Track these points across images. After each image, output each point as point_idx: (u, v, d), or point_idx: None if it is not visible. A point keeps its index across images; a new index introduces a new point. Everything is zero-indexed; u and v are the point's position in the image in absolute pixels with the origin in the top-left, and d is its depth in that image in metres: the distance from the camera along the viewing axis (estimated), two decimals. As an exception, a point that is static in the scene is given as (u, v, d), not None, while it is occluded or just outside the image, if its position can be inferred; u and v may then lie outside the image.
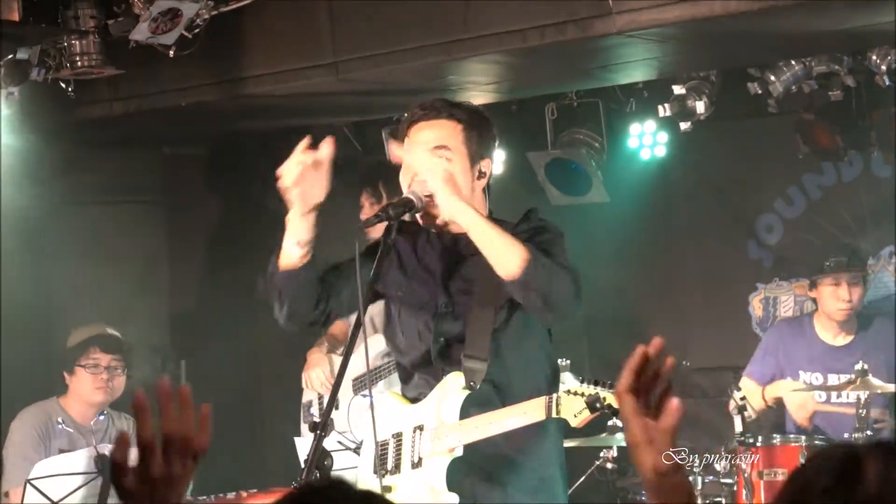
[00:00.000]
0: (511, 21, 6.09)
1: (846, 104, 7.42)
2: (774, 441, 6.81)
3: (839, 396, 7.14)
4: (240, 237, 9.23)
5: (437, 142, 4.39)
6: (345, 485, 2.13)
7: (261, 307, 8.63)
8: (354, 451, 5.71)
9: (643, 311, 8.66)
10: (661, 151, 8.04)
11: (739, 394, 6.81)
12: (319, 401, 7.43)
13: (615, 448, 7.02)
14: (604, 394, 4.01)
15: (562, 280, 4.21)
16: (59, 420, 6.83)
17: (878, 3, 5.72)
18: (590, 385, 4.04)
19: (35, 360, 7.53)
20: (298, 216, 4.38)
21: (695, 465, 6.71)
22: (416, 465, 4.35)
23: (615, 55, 6.59)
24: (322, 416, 4.04)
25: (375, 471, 4.45)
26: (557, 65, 6.74)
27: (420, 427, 4.38)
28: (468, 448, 4.31)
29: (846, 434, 6.77)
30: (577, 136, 7.94)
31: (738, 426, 6.72)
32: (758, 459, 6.65)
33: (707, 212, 8.40)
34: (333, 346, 7.47)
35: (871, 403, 6.79)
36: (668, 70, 7.24)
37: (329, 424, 4.04)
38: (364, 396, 6.36)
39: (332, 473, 3.94)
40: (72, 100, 7.02)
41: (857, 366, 6.71)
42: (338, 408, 7.15)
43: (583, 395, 4.02)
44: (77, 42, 6.59)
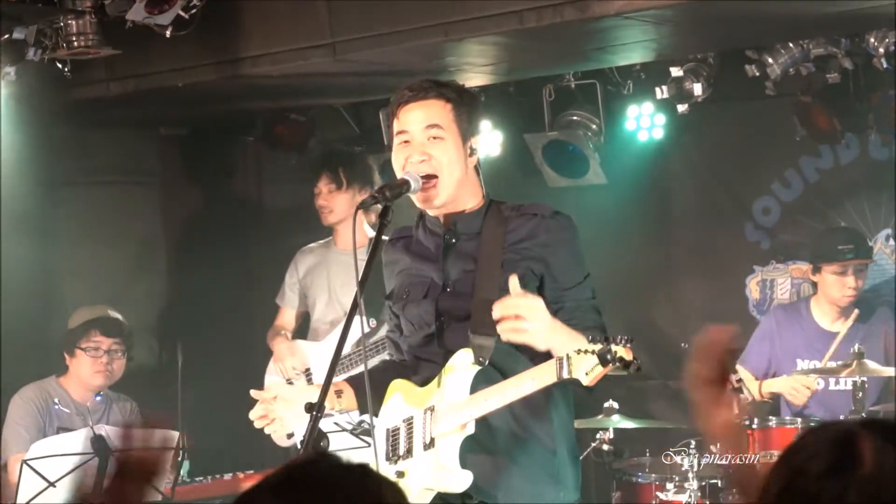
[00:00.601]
0: (509, 2, 6.08)
1: (844, 87, 7.41)
2: (770, 423, 6.82)
3: (837, 383, 7.15)
4: (237, 218, 9.23)
5: (429, 120, 4.39)
6: (332, 456, 2.14)
7: (257, 289, 8.67)
8: (351, 433, 5.72)
9: (640, 294, 8.66)
10: (659, 134, 8.03)
11: (736, 376, 6.81)
12: (288, 384, 7.47)
13: (611, 430, 7.02)
14: (615, 347, 3.98)
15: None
16: (56, 400, 6.84)
17: (877, -14, 5.72)
18: (596, 341, 4.01)
19: (33, 341, 7.54)
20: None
21: (691, 448, 6.72)
22: (429, 446, 4.33)
23: (613, 37, 6.58)
24: (318, 398, 4.04)
25: (388, 457, 4.44)
26: (555, 46, 6.73)
27: (431, 408, 4.36)
28: (480, 428, 4.29)
29: (841, 417, 6.78)
30: (575, 118, 7.93)
31: (735, 408, 6.71)
32: (754, 441, 6.67)
33: (704, 194, 8.40)
34: (286, 335, 7.56)
35: (870, 391, 6.80)
36: (666, 52, 7.22)
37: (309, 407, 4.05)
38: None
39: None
40: (68, 80, 7.01)
41: (853, 349, 6.72)
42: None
43: (592, 353, 3.99)
44: (73, 22, 6.58)
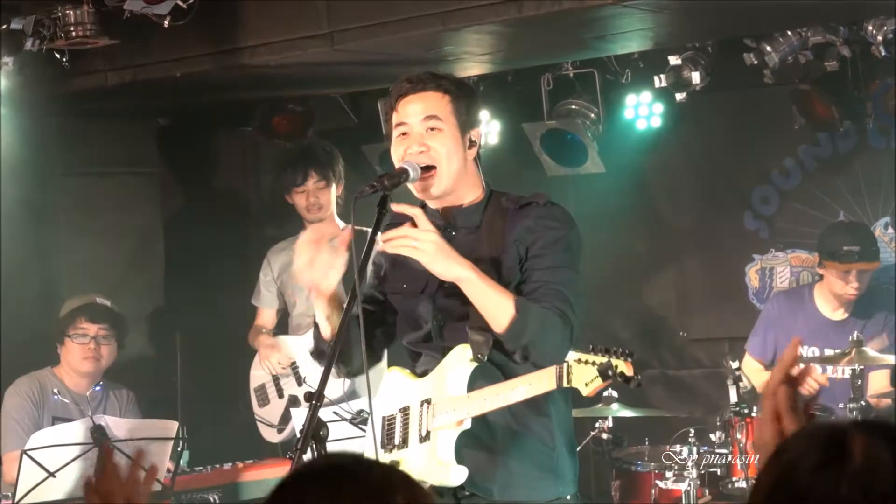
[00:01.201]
0: (507, -9, 6.08)
1: (842, 75, 7.41)
2: (770, 412, 6.81)
3: (836, 371, 7.15)
4: (235, 208, 9.22)
5: (427, 112, 4.39)
6: (366, 460, 2.14)
7: (255, 280, 8.65)
8: (350, 422, 5.73)
9: (639, 282, 8.66)
10: (657, 122, 8.03)
11: (735, 364, 6.82)
12: (276, 383, 7.47)
13: (610, 419, 7.03)
14: (615, 362, 3.99)
15: (551, 330, 4.23)
16: (55, 391, 6.85)
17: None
18: (599, 353, 4.02)
19: (33, 332, 7.54)
20: (320, 302, 4.40)
21: (690, 436, 6.73)
22: (424, 439, 4.34)
23: (611, 25, 6.58)
24: (318, 387, 4.04)
25: (383, 445, 4.44)
26: (553, 35, 6.72)
27: (427, 401, 4.37)
28: (476, 423, 4.30)
29: (841, 405, 6.79)
30: (573, 107, 7.93)
31: (734, 397, 6.73)
32: (752, 429, 6.67)
33: (703, 183, 8.39)
34: (268, 333, 7.58)
35: (873, 378, 6.81)
36: (664, 40, 7.22)
37: (293, 399, 4.06)
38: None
39: (323, 444, 3.94)
40: (66, 70, 7.00)
41: (852, 337, 6.72)
42: (300, 384, 7.21)
43: (594, 364, 4.00)
44: (72, 12, 6.57)
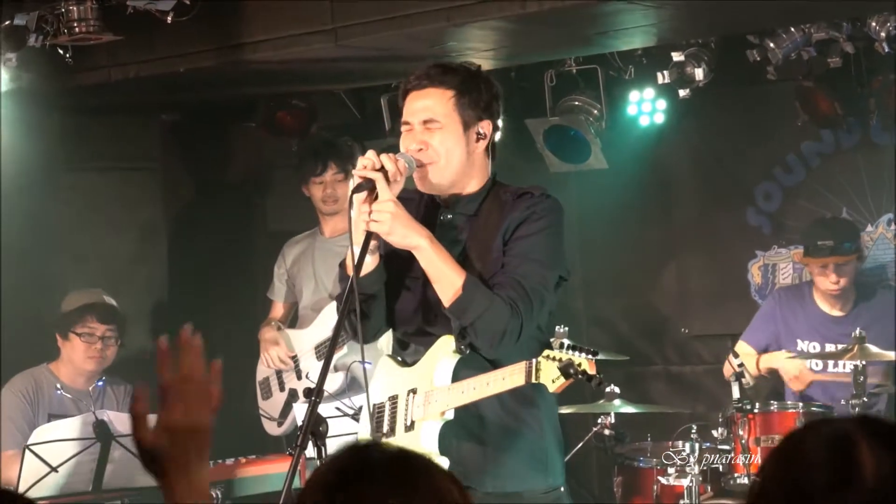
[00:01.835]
0: (511, -13, 6.08)
1: (845, 71, 7.40)
2: (772, 408, 6.83)
3: (836, 366, 7.16)
4: (238, 204, 9.23)
5: (425, 115, 4.42)
6: (380, 445, 2.14)
7: (258, 276, 8.67)
8: (352, 418, 5.74)
9: (641, 279, 8.66)
10: (660, 118, 8.03)
11: (737, 360, 6.82)
12: (278, 377, 7.47)
13: (612, 415, 7.03)
14: (578, 360, 4.01)
15: (494, 317, 4.24)
16: (58, 387, 6.85)
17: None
18: (568, 350, 4.04)
19: (33, 328, 7.54)
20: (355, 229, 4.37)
21: (692, 432, 6.73)
22: (409, 428, 4.37)
23: (614, 21, 6.58)
24: (317, 383, 4.05)
25: (372, 433, 4.47)
26: (556, 31, 6.73)
27: (413, 390, 4.41)
28: (467, 414, 4.32)
29: (843, 401, 6.79)
30: (576, 103, 7.92)
31: (736, 393, 6.73)
32: (755, 426, 6.68)
33: (706, 179, 8.39)
34: (276, 325, 7.58)
35: (870, 372, 6.81)
36: (667, 37, 7.22)
37: (292, 393, 4.07)
38: (361, 363, 6.38)
39: (322, 440, 3.95)
40: (69, 66, 7.00)
41: (855, 332, 6.73)
42: (300, 377, 7.22)
43: (560, 361, 4.02)
44: (75, 8, 6.57)
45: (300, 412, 6.27)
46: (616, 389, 7.00)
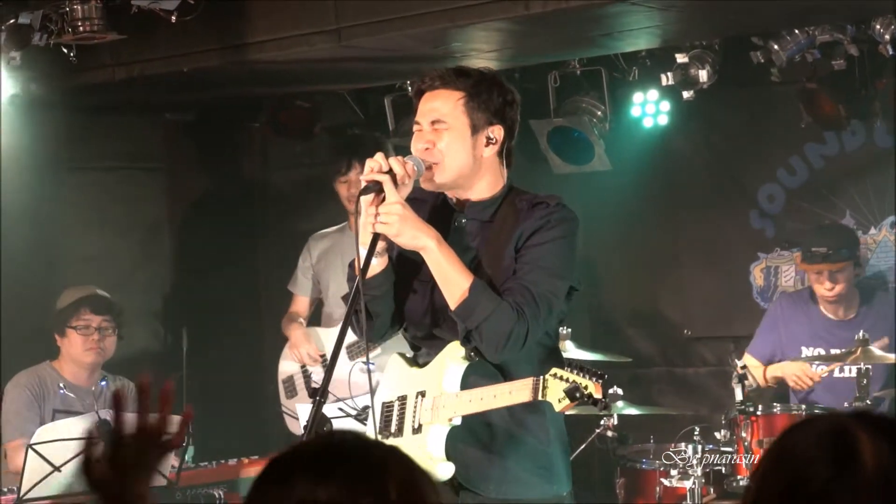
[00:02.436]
0: (515, -12, 6.08)
1: (849, 73, 7.40)
2: (775, 410, 6.83)
3: (841, 371, 7.15)
4: (241, 204, 9.23)
5: (434, 116, 4.41)
6: (365, 441, 2.14)
7: (262, 274, 8.68)
8: (356, 419, 5.73)
9: (644, 280, 8.66)
10: (664, 120, 8.03)
11: (740, 363, 6.82)
12: (303, 371, 7.45)
13: (615, 416, 7.03)
14: (584, 382, 4.02)
15: (500, 321, 4.22)
16: (61, 384, 6.85)
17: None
18: (575, 371, 4.05)
19: (38, 327, 7.55)
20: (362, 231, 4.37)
21: (695, 434, 6.73)
22: (417, 431, 4.37)
23: (618, 23, 6.58)
24: (322, 383, 4.05)
25: (380, 431, 4.48)
26: (560, 32, 6.73)
27: (422, 393, 4.40)
28: (473, 419, 4.32)
29: (846, 404, 6.79)
30: (580, 105, 7.92)
31: (739, 395, 6.73)
32: (758, 428, 6.67)
33: (709, 181, 8.39)
34: (299, 320, 7.53)
35: (874, 378, 6.81)
36: (672, 38, 7.22)
37: (323, 393, 4.05)
38: (364, 364, 6.37)
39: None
40: (73, 65, 7.00)
41: (858, 335, 6.73)
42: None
43: (567, 381, 4.04)
44: (79, 7, 6.57)
45: (303, 414, 6.27)
46: (619, 391, 6.99)
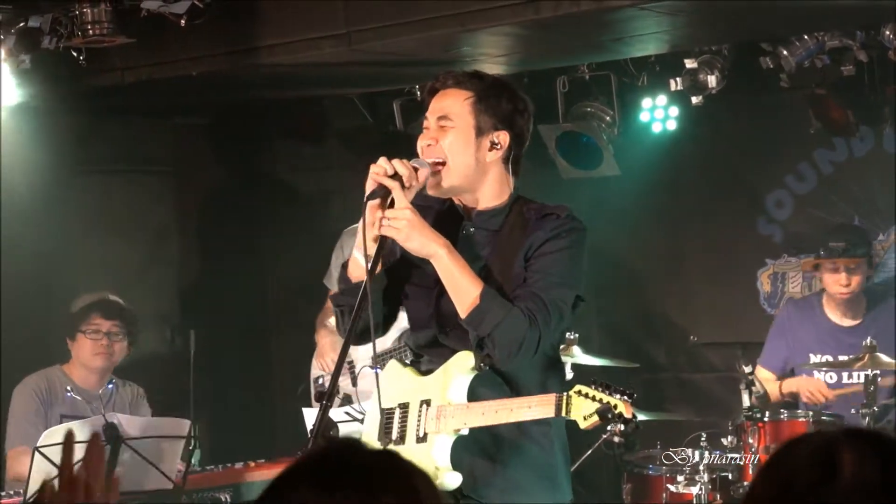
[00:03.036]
0: (524, -8, 6.08)
1: (859, 79, 7.40)
2: (782, 416, 6.82)
3: (850, 378, 7.14)
4: (250, 208, 9.24)
5: (441, 112, 4.39)
6: (363, 453, 2.14)
7: (270, 278, 8.68)
8: (362, 423, 5.73)
9: (652, 286, 8.66)
10: (673, 125, 8.02)
11: (748, 369, 6.81)
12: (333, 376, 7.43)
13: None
14: (614, 402, 4.02)
15: (512, 327, 4.20)
16: (69, 388, 6.85)
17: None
18: (599, 388, 4.05)
19: (47, 330, 7.56)
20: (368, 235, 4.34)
21: (702, 439, 6.73)
22: (421, 440, 4.35)
23: (628, 28, 6.58)
24: (328, 387, 4.05)
25: (380, 438, 4.46)
26: (570, 37, 6.72)
27: (427, 402, 4.38)
28: (478, 428, 4.32)
29: (853, 410, 6.78)
30: (589, 110, 7.92)
31: (746, 401, 6.72)
32: (765, 434, 6.67)
33: (717, 186, 8.39)
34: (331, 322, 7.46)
35: (880, 386, 6.80)
36: (681, 44, 7.22)
37: (337, 395, 4.05)
38: (372, 368, 6.36)
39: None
40: (83, 69, 7.01)
41: (866, 342, 6.72)
42: (355, 384, 7.17)
43: (594, 399, 4.03)
44: (89, 10, 6.58)
45: (309, 418, 6.27)
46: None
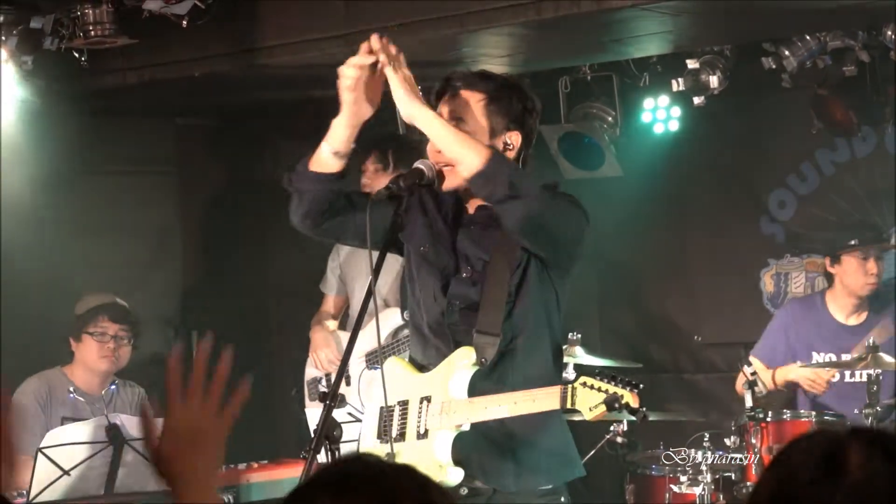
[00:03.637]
0: (526, -7, 6.08)
1: (860, 80, 7.40)
2: (785, 416, 6.82)
3: (853, 376, 7.14)
4: (252, 209, 9.24)
5: (454, 114, 4.40)
6: (377, 466, 2.15)
7: (273, 279, 8.68)
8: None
9: (655, 286, 8.66)
10: (675, 126, 8.03)
11: (750, 369, 6.81)
12: (327, 377, 7.43)
13: (625, 422, 7.02)
14: (621, 392, 4.03)
15: (525, 184, 4.23)
16: (70, 389, 6.85)
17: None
18: (605, 379, 4.06)
19: (52, 330, 7.56)
20: (343, 125, 4.39)
21: (705, 440, 6.72)
22: (422, 437, 4.36)
23: (629, 28, 6.57)
24: (332, 387, 4.05)
25: (379, 436, 4.46)
26: (571, 37, 6.72)
27: (427, 398, 4.39)
28: (476, 422, 4.32)
29: (856, 410, 6.77)
30: (591, 110, 7.92)
31: (749, 401, 6.72)
32: (767, 434, 6.66)
33: (720, 187, 8.39)
34: (329, 320, 7.47)
35: (884, 384, 6.80)
36: (682, 44, 7.22)
37: (340, 398, 4.05)
38: (374, 369, 6.37)
39: (336, 445, 3.95)
40: (85, 69, 7.01)
41: (868, 341, 6.72)
42: (349, 383, 7.16)
43: (599, 391, 4.04)
44: (90, 11, 6.58)
45: (312, 418, 6.26)
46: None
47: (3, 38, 6.73)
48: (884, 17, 6.81)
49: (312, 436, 4.00)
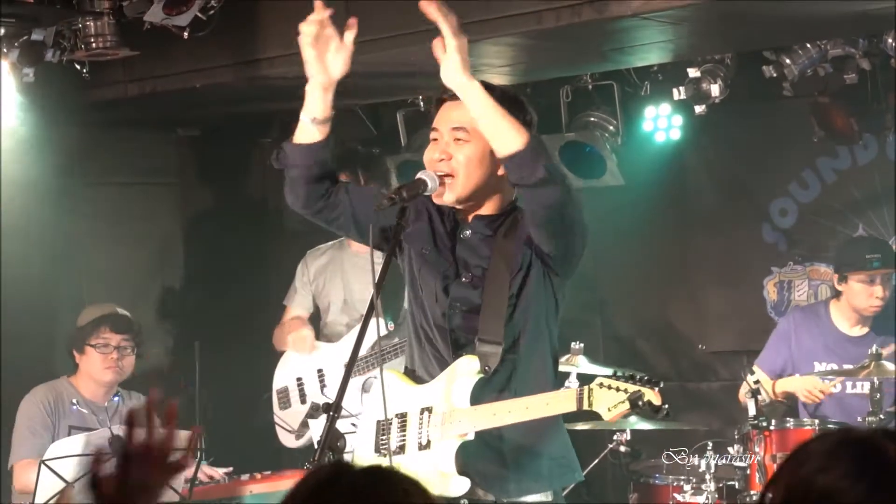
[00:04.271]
0: (526, 3, 6.07)
1: (861, 87, 7.40)
2: (788, 425, 6.80)
3: (854, 387, 7.13)
4: (254, 219, 9.24)
5: (457, 122, 4.39)
6: (347, 465, 2.16)
7: (274, 290, 8.67)
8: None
9: (657, 295, 8.65)
10: (676, 135, 8.02)
11: (753, 378, 6.80)
12: (299, 388, 7.41)
13: (628, 431, 7.01)
14: (644, 390, 4.02)
15: (564, 177, 4.34)
16: (74, 401, 6.85)
17: (895, -14, 5.71)
18: (623, 379, 4.04)
19: (54, 341, 7.55)
20: (317, 90, 4.40)
21: (708, 448, 6.72)
22: (424, 448, 4.34)
23: (630, 37, 6.58)
24: (335, 398, 4.04)
25: (377, 450, 4.44)
26: (572, 47, 6.73)
27: (428, 409, 4.36)
28: (479, 430, 4.31)
29: (859, 418, 6.77)
30: (592, 119, 7.92)
31: (752, 410, 6.71)
32: (771, 443, 6.66)
33: (721, 195, 8.38)
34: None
35: (886, 394, 6.79)
36: (684, 53, 7.22)
37: (322, 407, 4.04)
38: (374, 378, 6.37)
39: (340, 455, 3.95)
40: (86, 81, 7.02)
41: (871, 350, 6.70)
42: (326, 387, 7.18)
43: (619, 390, 4.02)
44: (92, 23, 6.60)
45: (316, 428, 6.26)
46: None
47: (5, 51, 6.74)
48: (884, 25, 6.81)
49: (316, 447, 4.00)
